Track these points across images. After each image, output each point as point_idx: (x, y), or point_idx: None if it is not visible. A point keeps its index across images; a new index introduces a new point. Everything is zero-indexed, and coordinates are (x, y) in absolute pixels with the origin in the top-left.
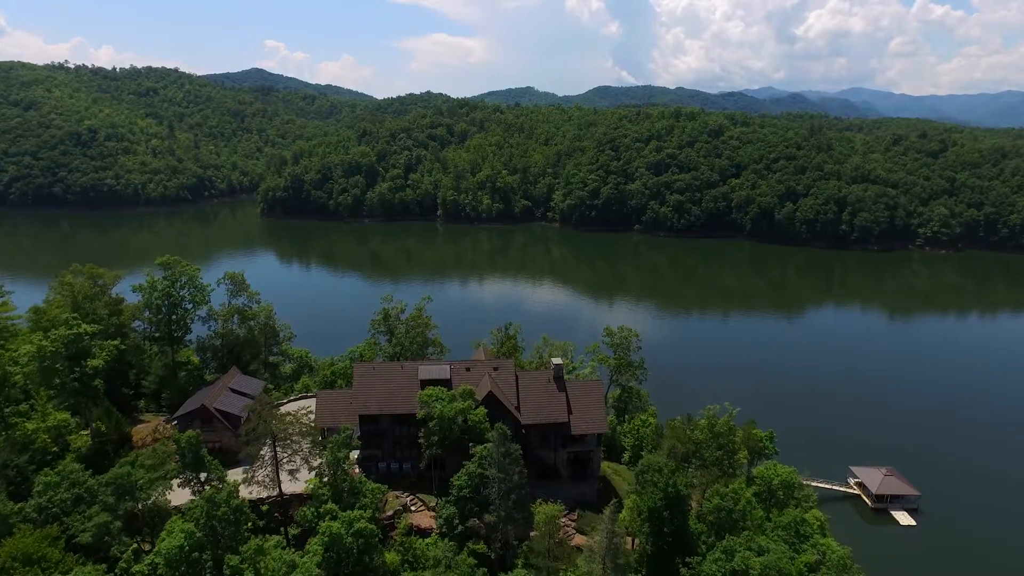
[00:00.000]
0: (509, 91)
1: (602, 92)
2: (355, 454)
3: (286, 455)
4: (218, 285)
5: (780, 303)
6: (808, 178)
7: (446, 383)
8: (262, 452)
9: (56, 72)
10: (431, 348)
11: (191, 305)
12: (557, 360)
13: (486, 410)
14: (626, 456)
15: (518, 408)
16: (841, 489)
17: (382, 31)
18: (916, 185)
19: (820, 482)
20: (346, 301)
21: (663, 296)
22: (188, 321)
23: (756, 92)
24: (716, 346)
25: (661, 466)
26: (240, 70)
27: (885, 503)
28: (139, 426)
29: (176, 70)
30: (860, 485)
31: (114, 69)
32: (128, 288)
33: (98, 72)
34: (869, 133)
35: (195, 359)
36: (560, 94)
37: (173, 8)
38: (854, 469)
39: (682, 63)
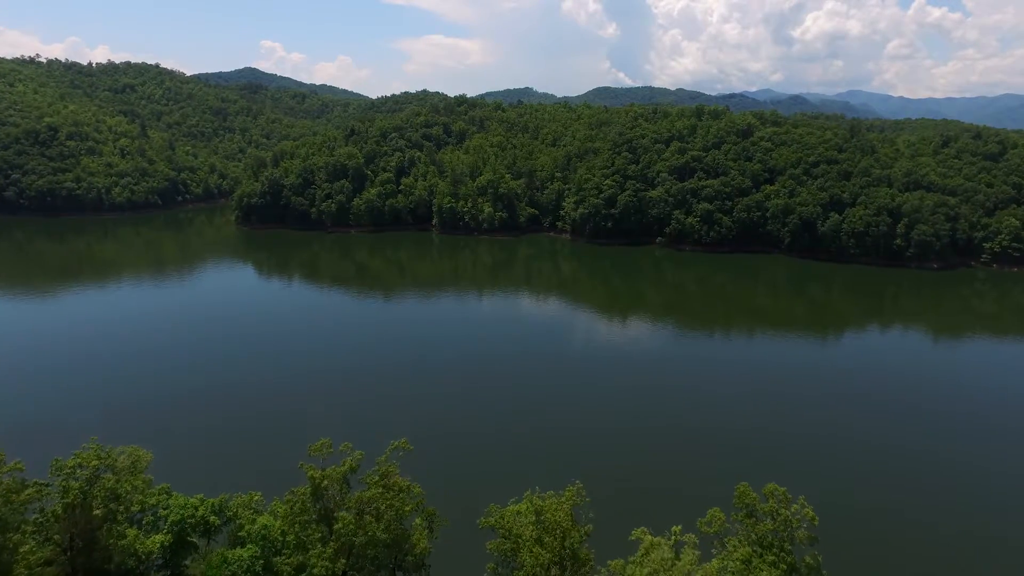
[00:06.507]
0: (507, 91)
1: (603, 93)
2: None
3: None
4: None
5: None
6: (854, 185)
7: None
8: None
9: (23, 66)
10: (409, 560)
11: None
12: None
13: None
14: None
15: None
16: None
17: (379, 32)
18: (978, 193)
19: None
20: (322, 337)
21: (702, 322)
22: None
23: (755, 94)
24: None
25: None
26: (233, 69)
27: None
28: None
29: (157, 66)
30: None
31: (89, 64)
32: None
33: (71, 67)
34: (892, 134)
35: None
36: (559, 95)
37: (169, 8)
38: None
39: (679, 65)
